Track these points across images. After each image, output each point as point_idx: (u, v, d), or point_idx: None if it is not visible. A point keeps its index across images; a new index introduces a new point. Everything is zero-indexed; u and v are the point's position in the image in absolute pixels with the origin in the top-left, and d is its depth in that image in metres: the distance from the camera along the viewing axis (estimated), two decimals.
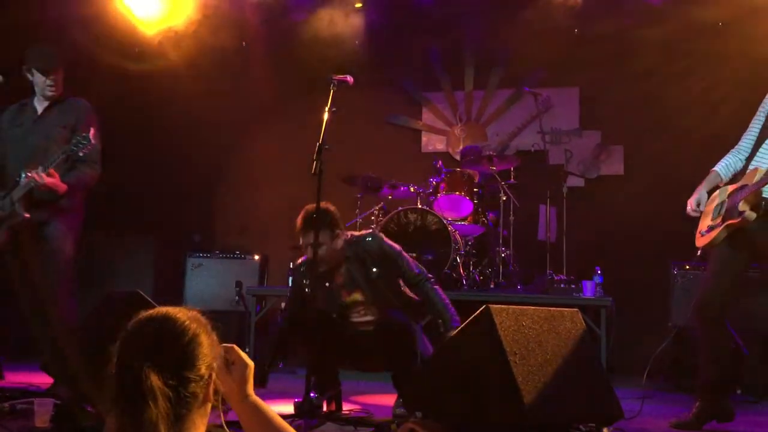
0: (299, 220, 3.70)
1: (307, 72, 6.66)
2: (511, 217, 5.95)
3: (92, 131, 3.73)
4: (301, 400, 3.30)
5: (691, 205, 3.60)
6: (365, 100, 6.11)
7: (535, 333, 2.74)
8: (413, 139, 7.11)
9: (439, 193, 5.77)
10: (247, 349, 5.43)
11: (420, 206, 5.63)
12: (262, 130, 6.77)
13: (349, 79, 3.62)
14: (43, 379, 3.89)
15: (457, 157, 6.73)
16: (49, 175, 3.72)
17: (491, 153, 6.20)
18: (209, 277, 5.91)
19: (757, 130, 3.61)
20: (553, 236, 5.79)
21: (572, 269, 5.74)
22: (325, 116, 3.57)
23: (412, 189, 5.78)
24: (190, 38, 6.37)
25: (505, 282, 5.75)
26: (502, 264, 5.80)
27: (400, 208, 5.56)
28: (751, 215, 3.27)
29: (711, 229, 3.51)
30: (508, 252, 5.86)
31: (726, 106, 6.06)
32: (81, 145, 3.70)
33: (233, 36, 6.62)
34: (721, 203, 3.50)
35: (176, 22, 6.18)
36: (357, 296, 3.74)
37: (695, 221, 5.80)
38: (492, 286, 5.71)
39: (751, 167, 3.51)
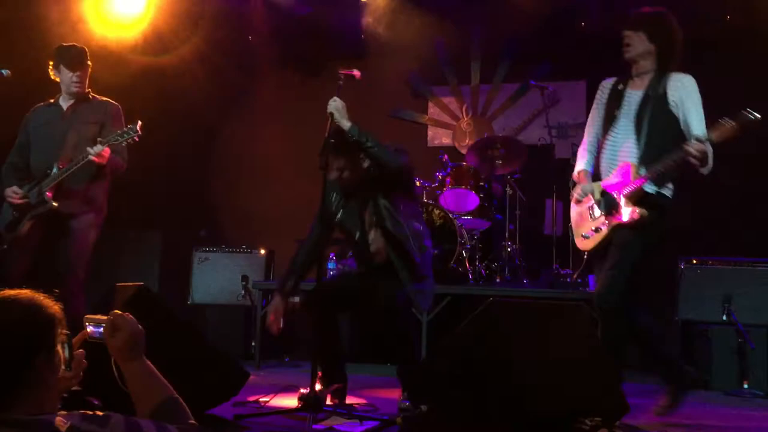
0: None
1: (314, 66, 6.68)
2: (517, 212, 5.94)
3: (139, 123, 3.81)
4: (306, 391, 3.30)
5: (578, 193, 3.55)
6: (371, 95, 6.10)
7: (541, 327, 2.73)
8: (419, 133, 7.10)
9: (445, 187, 5.76)
10: (253, 343, 5.44)
11: (426, 200, 5.62)
12: (269, 125, 6.77)
13: (356, 73, 3.60)
14: None
15: (463, 150, 6.72)
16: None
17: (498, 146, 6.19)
18: (215, 272, 5.92)
19: (597, 117, 3.57)
20: (560, 230, 5.78)
21: (578, 263, 5.73)
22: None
23: (417, 183, 5.77)
24: (192, 33, 6.36)
25: (510, 276, 5.74)
26: (508, 258, 5.80)
27: None
28: (644, 212, 3.30)
29: (597, 230, 3.46)
30: (514, 246, 5.85)
31: (734, 99, 6.04)
32: (128, 135, 3.82)
33: (239, 31, 6.62)
34: (598, 202, 3.45)
35: (151, 19, 6.14)
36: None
37: (705, 215, 5.81)
38: (498, 280, 5.70)
39: (608, 159, 3.46)
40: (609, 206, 3.38)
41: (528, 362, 2.55)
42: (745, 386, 4.62)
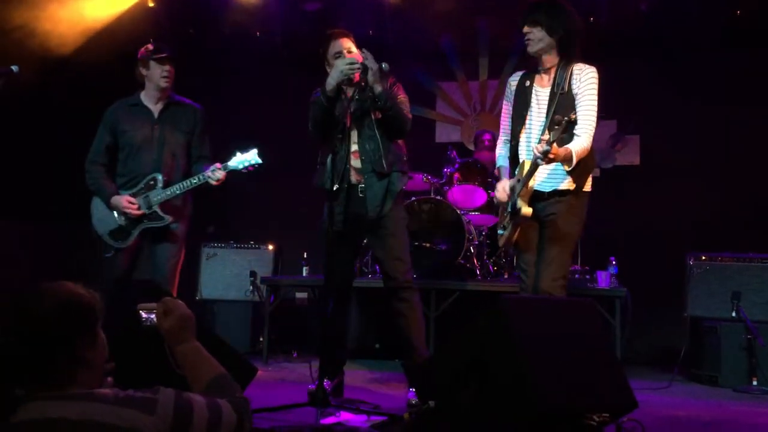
0: (333, 28, 3.81)
1: (322, 62, 6.63)
2: None
3: (255, 150, 4.03)
4: (314, 387, 3.32)
5: (499, 192, 3.53)
6: None
7: (548, 322, 2.73)
8: (427, 128, 7.08)
9: (452, 183, 5.75)
10: (261, 339, 5.46)
11: (433, 196, 5.61)
12: (276, 120, 6.77)
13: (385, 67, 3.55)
14: None
15: (471, 147, 6.70)
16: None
17: None
18: (224, 267, 5.94)
19: (509, 113, 3.54)
20: None
21: (587, 260, 5.72)
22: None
23: (425, 179, 5.77)
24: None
25: (518, 272, 5.72)
26: (517, 254, 5.78)
27: (413, 198, 5.54)
28: (528, 211, 3.30)
29: (505, 228, 3.50)
30: None
31: (745, 92, 6.01)
32: (249, 163, 4.01)
33: (246, 26, 6.60)
34: (508, 201, 3.46)
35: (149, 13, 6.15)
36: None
37: (713, 212, 5.79)
38: (506, 276, 5.69)
39: (522, 158, 3.43)
40: (513, 205, 3.39)
41: (536, 358, 2.54)
42: (755, 383, 4.60)
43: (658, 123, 6.26)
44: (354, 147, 3.67)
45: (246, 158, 3.96)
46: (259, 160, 3.96)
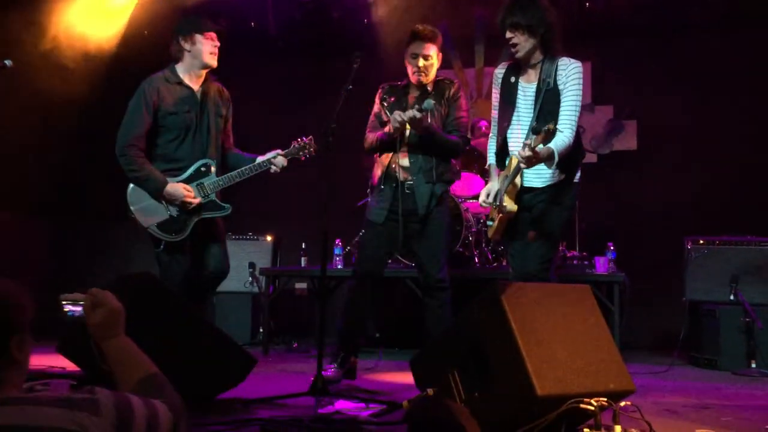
0: (421, 26, 3.84)
1: (318, 52, 6.63)
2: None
3: (311, 137, 3.91)
4: (329, 373, 3.35)
5: (482, 196, 3.54)
6: (375, 79, 6.07)
7: (545, 308, 2.73)
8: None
9: None
10: (261, 329, 5.47)
11: None
12: (274, 111, 6.76)
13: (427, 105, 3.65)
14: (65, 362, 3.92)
15: (468, 134, 6.68)
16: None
17: None
18: None
19: (497, 107, 3.57)
20: None
21: (585, 245, 5.73)
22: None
23: None
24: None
25: (509, 260, 5.72)
26: None
27: None
28: (513, 208, 3.34)
29: (493, 220, 3.52)
30: None
31: (742, 77, 6.00)
32: (307, 150, 3.90)
33: (242, 18, 6.58)
34: (496, 194, 3.47)
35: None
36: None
37: (710, 196, 5.79)
38: (504, 263, 5.69)
39: (511, 152, 3.43)
40: (500, 200, 3.40)
41: (534, 344, 2.55)
42: (753, 365, 4.62)
43: (655, 108, 6.25)
44: (404, 148, 3.82)
45: (304, 145, 3.88)
46: (316, 147, 3.87)
